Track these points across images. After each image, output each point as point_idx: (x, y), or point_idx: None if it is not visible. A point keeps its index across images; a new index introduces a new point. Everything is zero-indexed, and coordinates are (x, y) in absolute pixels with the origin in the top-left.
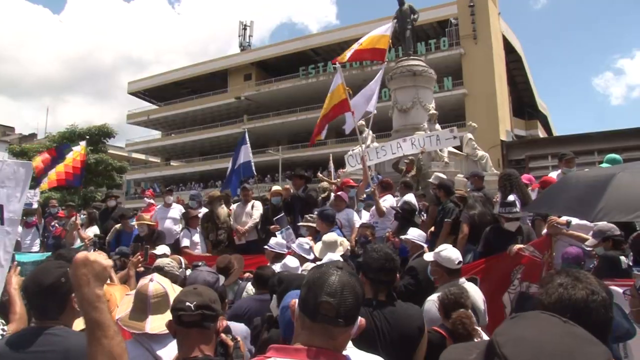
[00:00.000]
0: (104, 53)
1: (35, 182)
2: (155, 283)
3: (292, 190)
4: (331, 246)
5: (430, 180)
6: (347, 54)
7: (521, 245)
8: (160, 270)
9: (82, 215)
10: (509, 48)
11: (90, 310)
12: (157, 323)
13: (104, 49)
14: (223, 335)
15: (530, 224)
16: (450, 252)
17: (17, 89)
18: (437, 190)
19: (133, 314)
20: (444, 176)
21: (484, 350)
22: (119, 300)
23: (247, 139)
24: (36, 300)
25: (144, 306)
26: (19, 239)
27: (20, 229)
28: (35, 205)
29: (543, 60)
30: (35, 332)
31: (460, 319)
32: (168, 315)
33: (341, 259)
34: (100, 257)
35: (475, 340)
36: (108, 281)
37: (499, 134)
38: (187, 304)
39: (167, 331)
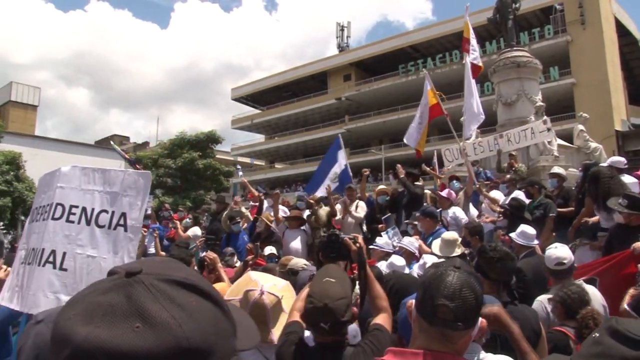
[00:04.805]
0: (206, 62)
1: None
2: (267, 294)
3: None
4: (450, 245)
5: (557, 171)
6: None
7: None
8: (295, 274)
9: (188, 219)
10: (622, 31)
11: None
12: (278, 331)
13: (205, 59)
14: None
15: None
16: (553, 251)
17: (128, 101)
18: (529, 187)
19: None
20: (563, 170)
21: None
22: None
23: (342, 144)
24: None
25: (263, 319)
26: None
27: None
28: (149, 211)
29: None
30: None
31: (591, 315)
32: (283, 321)
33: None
34: None
35: None
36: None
37: (614, 123)
38: (322, 324)
39: None
